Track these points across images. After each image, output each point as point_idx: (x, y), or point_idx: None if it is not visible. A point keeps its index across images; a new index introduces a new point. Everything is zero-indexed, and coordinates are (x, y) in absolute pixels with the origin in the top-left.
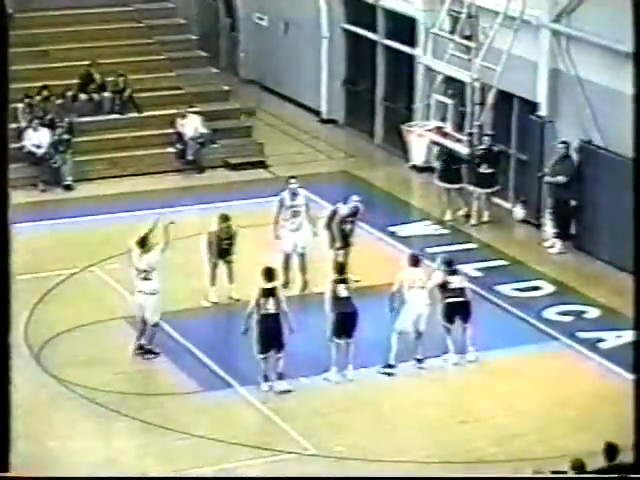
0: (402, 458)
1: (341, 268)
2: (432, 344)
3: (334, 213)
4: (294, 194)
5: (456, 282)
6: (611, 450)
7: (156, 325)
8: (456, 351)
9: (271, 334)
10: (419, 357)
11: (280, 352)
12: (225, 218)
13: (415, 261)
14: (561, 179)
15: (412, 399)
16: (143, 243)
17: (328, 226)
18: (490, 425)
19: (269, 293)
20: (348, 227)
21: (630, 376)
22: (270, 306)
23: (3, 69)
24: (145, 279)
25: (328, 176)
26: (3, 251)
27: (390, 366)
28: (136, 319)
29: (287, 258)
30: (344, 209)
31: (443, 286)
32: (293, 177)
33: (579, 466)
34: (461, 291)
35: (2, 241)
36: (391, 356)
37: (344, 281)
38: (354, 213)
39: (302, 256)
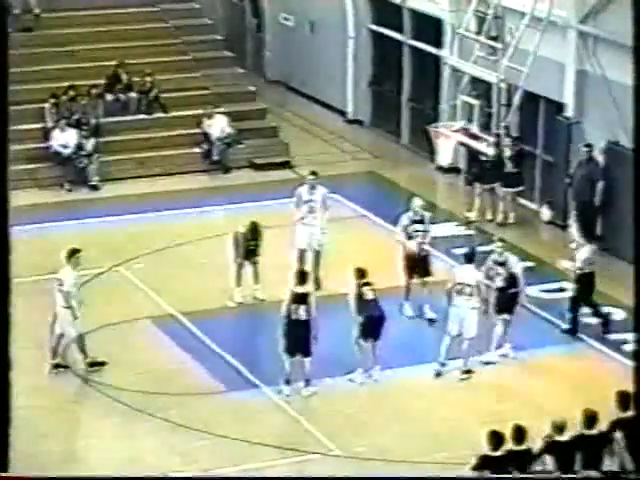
0: (425, 459)
1: (362, 272)
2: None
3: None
4: (312, 188)
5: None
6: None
7: (79, 338)
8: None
9: (300, 340)
10: (465, 369)
11: (307, 357)
12: (253, 224)
13: (467, 258)
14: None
15: (436, 400)
16: (70, 256)
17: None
18: None
19: (301, 299)
20: (417, 240)
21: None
22: (302, 312)
23: (3, 70)
24: (59, 291)
25: (354, 176)
26: (3, 252)
27: (442, 364)
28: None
29: (302, 254)
30: (404, 219)
31: (491, 277)
32: (314, 173)
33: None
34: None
35: (2, 242)
36: (441, 355)
37: (368, 283)
38: (420, 221)
39: (317, 253)
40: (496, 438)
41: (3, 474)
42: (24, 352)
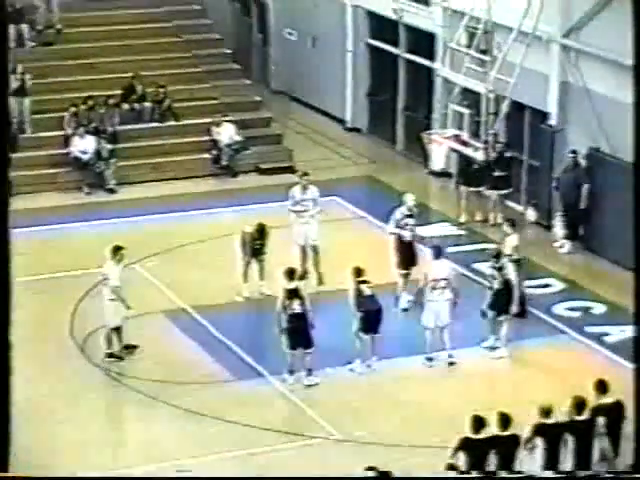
0: (419, 443)
1: (359, 270)
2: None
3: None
4: (304, 188)
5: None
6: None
7: (116, 329)
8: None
9: (299, 332)
10: (449, 353)
11: (308, 349)
12: (260, 225)
13: (438, 253)
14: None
15: (430, 388)
16: (114, 252)
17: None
18: None
19: (293, 294)
20: (407, 233)
21: (632, 366)
22: (296, 306)
23: (3, 78)
24: (105, 285)
25: (352, 180)
26: (3, 253)
27: (430, 359)
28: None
29: (302, 250)
30: (397, 213)
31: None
32: (306, 173)
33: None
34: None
35: (2, 243)
36: (427, 349)
37: (366, 281)
38: (411, 215)
39: (314, 249)
40: (477, 422)
41: (3, 474)
42: (46, 345)
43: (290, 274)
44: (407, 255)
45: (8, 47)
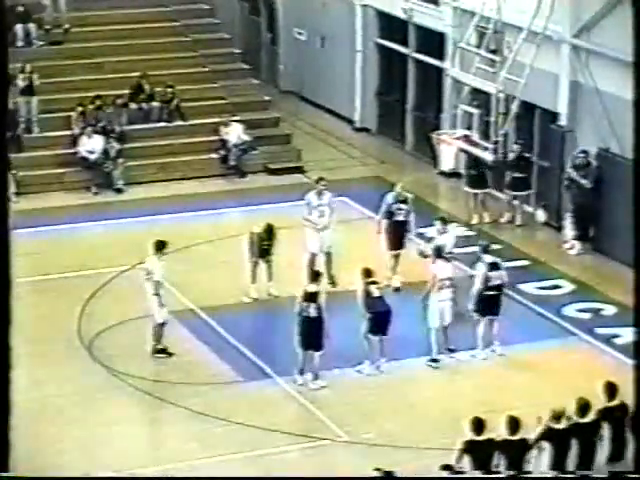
0: (427, 445)
1: (368, 271)
2: (459, 338)
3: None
4: (320, 194)
5: (496, 278)
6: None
7: (161, 325)
8: (483, 345)
9: (311, 336)
10: (451, 347)
11: (318, 352)
12: (268, 225)
13: (439, 253)
14: (585, 183)
15: (439, 390)
16: (159, 247)
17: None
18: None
19: (311, 298)
20: (399, 218)
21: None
22: (312, 310)
23: (3, 79)
24: (148, 280)
25: (361, 181)
26: (4, 252)
27: (435, 360)
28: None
29: (313, 257)
30: (389, 198)
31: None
32: (322, 178)
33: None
34: (499, 287)
35: (3, 243)
36: (434, 351)
37: (375, 282)
38: (404, 201)
39: (328, 255)
40: (477, 424)
41: (3, 474)
42: (54, 344)
43: (315, 276)
44: (397, 237)
45: (8, 45)
